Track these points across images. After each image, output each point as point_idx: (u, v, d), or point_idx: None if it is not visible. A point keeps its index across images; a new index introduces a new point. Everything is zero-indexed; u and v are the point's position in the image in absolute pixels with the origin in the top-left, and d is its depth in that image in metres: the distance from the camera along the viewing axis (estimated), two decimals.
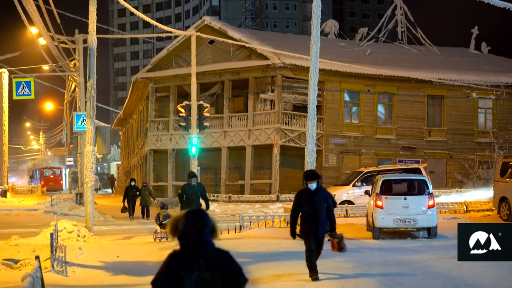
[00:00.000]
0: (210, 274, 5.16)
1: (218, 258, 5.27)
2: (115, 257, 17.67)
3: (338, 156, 42.89)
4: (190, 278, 5.14)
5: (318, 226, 12.65)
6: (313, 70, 24.37)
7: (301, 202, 12.90)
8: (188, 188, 20.03)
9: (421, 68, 44.72)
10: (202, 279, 5.14)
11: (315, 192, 12.84)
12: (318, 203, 12.73)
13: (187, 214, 5.43)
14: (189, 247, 5.31)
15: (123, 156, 76.57)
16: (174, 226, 5.45)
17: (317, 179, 12.86)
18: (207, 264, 5.18)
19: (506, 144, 43.05)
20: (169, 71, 46.82)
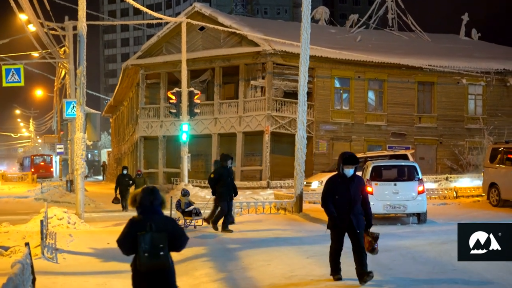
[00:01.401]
0: (159, 234, 7.19)
1: (166, 223, 7.38)
2: (106, 244, 17.64)
3: (329, 143, 42.96)
4: (144, 237, 7.14)
5: (352, 220, 10.75)
6: (303, 56, 24.36)
7: (332, 189, 11.00)
8: (224, 171, 18.93)
9: (411, 54, 44.76)
10: (153, 238, 7.16)
11: (351, 179, 10.94)
12: (353, 192, 10.86)
13: (143, 190, 7.46)
14: (144, 215, 7.34)
15: (113, 143, 76.42)
16: (133, 199, 7.52)
17: (356, 164, 10.96)
18: (157, 227, 7.20)
19: (496, 130, 43.20)
20: (159, 58, 46.70)
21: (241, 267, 12.96)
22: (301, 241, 16.56)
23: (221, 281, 11.78)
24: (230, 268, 12.91)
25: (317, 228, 19.31)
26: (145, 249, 7.15)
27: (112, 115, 76.19)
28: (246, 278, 11.87)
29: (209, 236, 18.07)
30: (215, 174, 18.99)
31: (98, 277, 12.69)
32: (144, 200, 7.38)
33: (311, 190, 30.26)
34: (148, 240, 7.15)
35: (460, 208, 25.17)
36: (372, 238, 10.94)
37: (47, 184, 45.79)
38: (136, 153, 49.20)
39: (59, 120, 57.93)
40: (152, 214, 7.34)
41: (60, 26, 38.45)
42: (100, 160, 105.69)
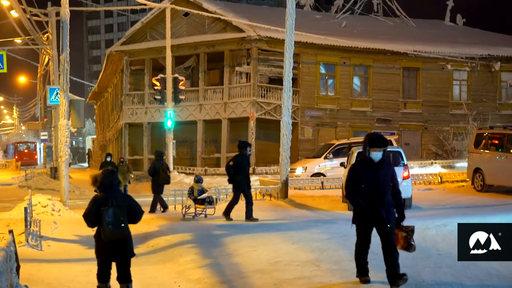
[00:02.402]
0: (119, 209, 8.68)
1: (124, 199, 8.86)
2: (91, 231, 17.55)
3: (314, 129, 42.99)
4: (108, 211, 8.63)
5: (381, 213, 9.27)
6: (288, 42, 24.32)
7: (357, 177, 9.44)
8: (244, 159, 18.37)
9: (396, 40, 44.79)
10: (115, 212, 8.64)
11: (379, 164, 9.37)
12: (382, 180, 9.30)
13: (104, 172, 9.01)
14: (105, 193, 8.79)
15: (98, 130, 76.14)
16: (94, 179, 9.05)
17: (385, 147, 9.34)
18: (117, 203, 8.69)
19: (480, 116, 43.39)
20: (143, 44, 46.47)
21: (227, 253, 12.96)
22: (286, 227, 16.57)
23: (207, 267, 11.77)
24: (215, 254, 12.90)
25: (303, 214, 19.36)
26: (108, 221, 8.60)
27: (97, 101, 75.87)
28: (231, 264, 11.87)
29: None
30: (234, 162, 18.36)
31: (83, 264, 12.65)
32: (106, 180, 8.85)
33: (295, 176, 30.31)
34: (111, 214, 8.62)
35: (445, 193, 25.29)
36: (406, 233, 9.39)
37: (31, 172, 45.57)
38: (121, 140, 49.04)
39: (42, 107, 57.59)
40: (112, 192, 8.82)
41: (43, 12, 38.18)
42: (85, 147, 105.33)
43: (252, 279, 10.50)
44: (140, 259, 13.64)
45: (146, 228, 17.85)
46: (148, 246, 15.15)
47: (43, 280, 10.33)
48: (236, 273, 11.09)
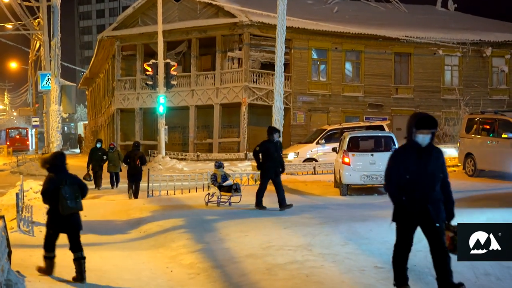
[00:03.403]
0: (73, 186, 9.73)
1: (74, 178, 9.92)
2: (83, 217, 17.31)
3: (306, 114, 43.02)
4: (65, 188, 9.58)
5: (429, 210, 7.85)
6: (280, 27, 24.30)
7: (401, 166, 7.93)
8: (271, 146, 17.49)
9: (388, 25, 44.78)
10: (71, 189, 9.67)
11: (428, 151, 7.91)
12: (431, 169, 7.84)
13: (55, 154, 10.26)
14: (57, 173, 9.76)
15: (90, 116, 75.99)
16: (44, 162, 10.03)
17: (434, 129, 7.86)
18: (70, 181, 9.74)
19: (472, 101, 43.48)
20: (135, 29, 46.32)
21: (219, 238, 12.98)
22: (278, 212, 16.62)
23: (199, 252, 11.80)
24: (207, 239, 12.93)
25: (295, 199, 19.38)
26: (67, 197, 9.57)
27: (88, 87, 75.67)
28: (223, 249, 11.90)
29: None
30: (260, 147, 17.62)
31: None
32: (57, 161, 9.88)
33: (287, 161, 30.31)
34: (68, 191, 9.61)
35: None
36: (454, 233, 8.00)
37: (23, 157, 45.53)
38: (113, 125, 48.97)
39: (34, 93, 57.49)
40: (63, 172, 9.87)
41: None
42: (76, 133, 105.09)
43: (244, 264, 10.53)
44: (132, 244, 13.69)
45: (138, 213, 17.88)
46: (140, 232, 15.17)
47: (35, 265, 10.35)
48: (228, 258, 11.13)
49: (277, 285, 9.10)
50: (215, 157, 40.26)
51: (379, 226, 13.40)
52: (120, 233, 15.14)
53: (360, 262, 10.04)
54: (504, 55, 46.05)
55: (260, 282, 9.35)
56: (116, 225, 16.46)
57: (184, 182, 23.51)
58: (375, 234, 12.38)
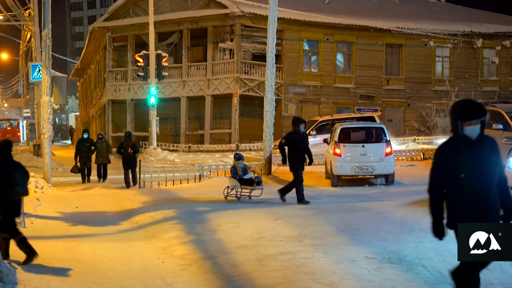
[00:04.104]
0: (21, 172, 10.38)
1: (19, 165, 10.56)
2: (74, 208, 17.63)
3: (298, 105, 43.05)
4: (15, 174, 10.18)
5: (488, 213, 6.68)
6: (271, 18, 24.26)
7: (450, 161, 6.53)
8: (297, 137, 16.80)
9: (379, 17, 44.80)
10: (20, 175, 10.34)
11: (478, 142, 6.54)
12: (486, 166, 6.51)
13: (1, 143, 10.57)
14: (4, 160, 10.37)
15: (81, 107, 75.80)
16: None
17: (483, 117, 6.51)
18: (17, 168, 10.39)
19: (462, 92, 43.54)
20: (126, 20, 46.17)
21: (210, 229, 13.01)
22: (269, 203, 16.65)
23: (190, 243, 11.83)
24: (199, 230, 12.95)
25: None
26: (17, 183, 10.19)
27: (79, 78, 75.45)
28: (215, 240, 11.92)
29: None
30: (286, 140, 16.93)
31: (67, 241, 12.68)
32: (6, 149, 10.49)
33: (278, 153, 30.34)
34: (18, 176, 10.23)
35: (427, 169, 25.22)
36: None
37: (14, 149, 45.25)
38: (104, 116, 48.88)
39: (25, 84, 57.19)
40: (9, 159, 10.52)
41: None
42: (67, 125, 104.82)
43: (235, 255, 10.56)
44: (124, 236, 13.72)
45: (129, 205, 17.89)
46: (132, 223, 15.20)
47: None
48: (219, 249, 11.15)
49: (268, 275, 9.13)
50: (207, 148, 40.29)
51: (370, 217, 13.46)
52: (111, 225, 15.16)
53: (351, 253, 10.06)
54: (495, 47, 46.15)
55: (251, 273, 9.38)
56: (108, 217, 16.48)
57: (176, 173, 23.51)
58: (366, 225, 12.44)
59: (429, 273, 8.90)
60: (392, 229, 11.89)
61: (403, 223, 12.48)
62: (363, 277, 8.73)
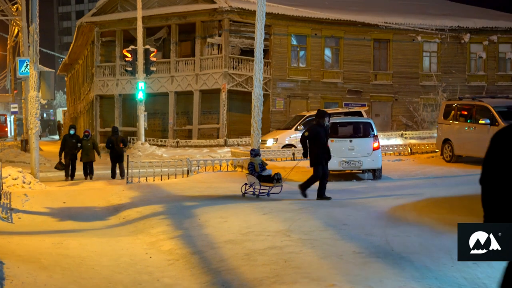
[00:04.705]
0: None
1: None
2: (62, 203, 17.60)
3: (286, 100, 43.08)
4: None
5: None
6: (259, 13, 24.25)
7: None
8: (321, 130, 16.23)
9: (367, 11, 44.88)
10: None
11: None
12: None
13: None
14: None
15: (69, 102, 75.55)
16: None
17: None
18: None
19: (450, 87, 43.76)
20: (114, 15, 46.05)
21: (198, 224, 13.02)
22: (257, 198, 16.67)
23: (178, 238, 11.84)
24: (186, 225, 12.96)
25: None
26: None
27: (67, 73, 75.20)
28: (202, 235, 11.94)
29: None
30: (310, 133, 16.21)
31: (54, 236, 12.65)
32: None
33: (266, 147, 30.40)
34: None
35: (414, 164, 25.55)
36: None
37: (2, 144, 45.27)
38: (92, 112, 48.76)
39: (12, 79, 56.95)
40: None
41: None
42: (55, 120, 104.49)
43: (223, 250, 10.58)
44: (111, 231, 13.70)
45: (117, 200, 17.88)
46: (119, 218, 15.18)
47: (13, 252, 10.33)
48: (207, 243, 11.17)
49: (256, 270, 9.15)
50: (195, 143, 40.28)
51: (357, 211, 13.52)
52: (99, 220, 15.15)
53: (339, 248, 10.10)
54: (482, 42, 46.31)
55: (239, 268, 9.40)
56: (95, 212, 16.46)
57: (164, 168, 23.51)
58: (354, 220, 12.49)
59: (415, 267, 8.94)
60: (379, 223, 11.95)
61: (391, 218, 12.55)
62: (350, 272, 8.76)
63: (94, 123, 46.94)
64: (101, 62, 47.65)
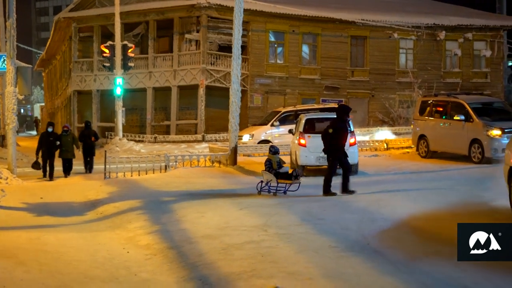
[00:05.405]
0: None
1: None
2: (39, 199, 17.57)
3: (263, 96, 43.18)
4: None
5: None
6: (237, 9, 24.31)
7: None
8: (343, 125, 15.97)
9: (345, 8, 45.01)
10: None
11: None
12: None
13: None
14: None
15: (46, 98, 75.05)
16: None
17: None
18: None
19: (425, 84, 44.05)
20: (92, 10, 45.81)
21: (176, 219, 13.08)
22: (235, 193, 16.75)
23: (156, 233, 11.89)
24: (164, 220, 13.01)
25: (251, 180, 19.54)
26: None
27: (45, 69, 74.64)
28: (180, 230, 12.00)
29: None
30: (333, 128, 15.81)
31: (31, 232, 12.65)
32: None
33: (242, 143, 30.43)
34: None
35: (390, 159, 25.73)
36: None
37: None
38: (70, 107, 48.52)
39: None
40: None
41: None
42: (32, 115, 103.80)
43: (200, 245, 10.64)
44: (89, 226, 13.72)
45: (95, 195, 17.88)
46: (97, 213, 15.20)
47: None
48: (184, 238, 11.22)
49: (233, 265, 9.22)
50: (173, 139, 40.26)
51: (333, 206, 13.64)
52: (76, 215, 15.15)
53: (315, 242, 10.20)
54: (458, 39, 46.66)
55: (216, 262, 9.47)
56: (73, 207, 16.46)
57: (141, 164, 23.52)
58: (330, 214, 12.59)
59: (390, 261, 9.07)
60: (355, 218, 12.07)
61: (366, 212, 12.68)
62: (326, 266, 8.85)
63: (71, 118, 46.73)
64: (78, 57, 47.42)
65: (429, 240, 10.09)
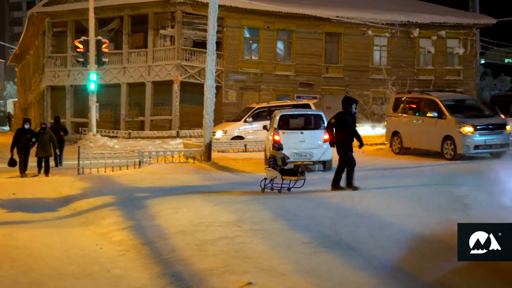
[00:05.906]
0: None
1: None
2: (11, 195, 17.43)
3: (238, 92, 43.17)
4: None
5: None
6: (212, 6, 24.29)
7: None
8: (348, 117, 15.68)
9: (319, 5, 45.13)
10: None
11: None
12: None
13: None
14: None
15: (19, 93, 74.40)
16: None
17: None
18: None
19: (399, 81, 44.28)
20: (66, 5, 45.47)
21: (149, 215, 13.06)
22: (209, 189, 16.75)
23: (129, 229, 11.87)
24: (138, 216, 12.99)
25: (225, 176, 19.57)
26: None
27: (18, 64, 73.99)
28: (154, 226, 11.98)
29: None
30: (337, 120, 15.68)
31: (3, 228, 12.56)
32: None
33: (215, 139, 30.36)
34: None
35: (364, 155, 25.75)
36: None
37: None
38: (43, 102, 48.14)
39: None
40: None
41: None
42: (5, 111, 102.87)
43: (174, 241, 10.64)
44: (62, 222, 13.66)
45: (68, 191, 17.79)
46: (70, 209, 15.12)
47: None
48: (158, 234, 11.22)
49: (206, 260, 9.24)
50: (147, 134, 40.12)
51: (307, 202, 13.69)
52: (49, 211, 15.06)
53: (289, 238, 10.24)
54: (431, 36, 47.01)
55: (189, 258, 9.48)
56: (45, 203, 16.35)
57: (115, 159, 23.41)
58: (304, 210, 12.65)
59: (363, 257, 9.13)
60: (329, 214, 12.12)
61: (340, 208, 12.74)
62: (300, 261, 8.90)
63: (45, 114, 46.36)
64: (52, 52, 47.06)
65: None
